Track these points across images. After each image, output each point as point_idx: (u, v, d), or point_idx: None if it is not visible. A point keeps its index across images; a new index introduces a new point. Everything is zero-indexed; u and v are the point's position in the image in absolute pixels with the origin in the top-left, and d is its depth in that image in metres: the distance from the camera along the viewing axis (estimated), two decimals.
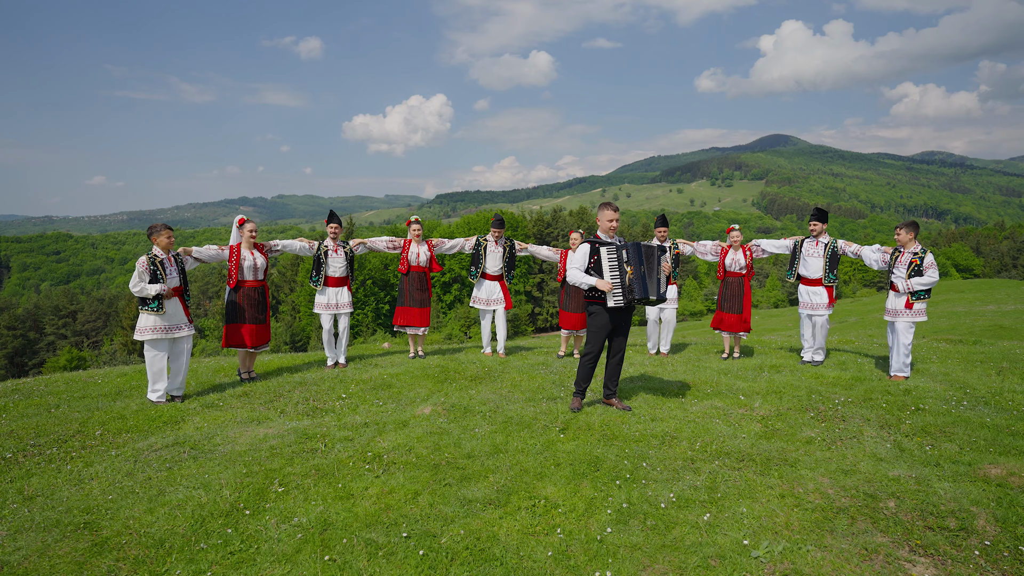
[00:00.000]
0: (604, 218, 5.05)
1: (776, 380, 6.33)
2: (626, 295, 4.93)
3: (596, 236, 5.17)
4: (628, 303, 4.97)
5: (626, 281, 4.93)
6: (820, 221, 7.10)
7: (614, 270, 4.93)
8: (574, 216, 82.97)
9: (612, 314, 5.07)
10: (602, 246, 4.98)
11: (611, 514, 3.28)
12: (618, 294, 4.93)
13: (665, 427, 4.66)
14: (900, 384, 5.98)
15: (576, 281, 4.96)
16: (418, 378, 6.47)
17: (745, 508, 3.32)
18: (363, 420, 4.99)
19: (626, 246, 4.99)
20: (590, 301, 5.08)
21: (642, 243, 5.08)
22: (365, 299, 61.28)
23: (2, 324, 64.10)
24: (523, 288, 65.66)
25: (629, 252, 4.96)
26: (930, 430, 4.61)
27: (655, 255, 5.09)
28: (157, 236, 5.67)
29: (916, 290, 6.21)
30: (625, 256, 4.95)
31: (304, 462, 4.06)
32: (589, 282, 4.91)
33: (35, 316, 68.83)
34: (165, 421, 5.17)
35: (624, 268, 4.94)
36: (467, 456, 4.11)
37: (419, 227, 7.59)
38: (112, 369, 8.01)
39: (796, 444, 4.35)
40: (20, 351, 63.46)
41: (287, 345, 58.82)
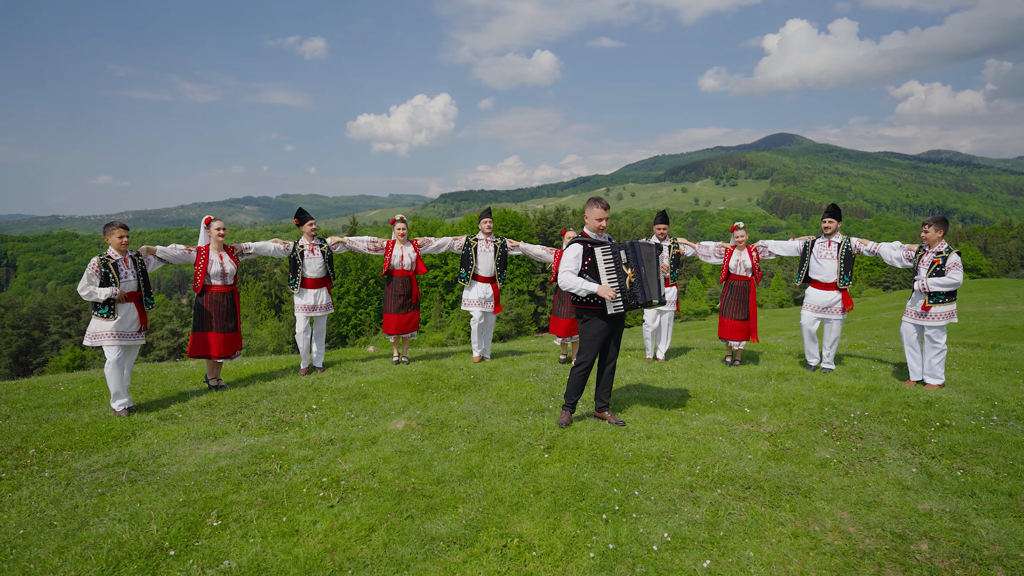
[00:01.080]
0: (592, 216, 4.57)
1: (785, 390, 5.84)
2: (627, 300, 4.45)
3: (584, 235, 4.69)
4: (629, 308, 4.50)
5: (626, 284, 4.45)
6: (836, 219, 6.58)
7: (611, 273, 4.45)
8: (577, 215, 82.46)
9: (609, 321, 4.59)
10: (596, 246, 4.49)
11: (594, 558, 2.80)
12: (618, 300, 4.45)
13: (662, 446, 4.18)
14: (921, 395, 5.47)
15: (572, 287, 4.46)
16: (398, 387, 6.00)
17: (752, 552, 2.83)
18: (329, 436, 4.52)
19: (623, 246, 4.50)
20: (583, 307, 4.60)
21: (639, 242, 4.60)
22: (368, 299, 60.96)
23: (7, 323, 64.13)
24: (526, 288, 65.24)
25: (628, 253, 4.48)
26: (959, 450, 4.12)
27: (654, 255, 4.62)
28: (110, 235, 5.21)
29: (933, 291, 5.70)
30: (624, 257, 4.47)
31: (252, 488, 3.60)
32: (590, 289, 4.42)
33: (40, 315, 68.80)
34: (115, 436, 4.71)
35: (624, 271, 4.45)
36: (436, 481, 3.64)
37: (404, 226, 7.12)
38: (79, 374, 7.58)
39: (809, 468, 3.86)
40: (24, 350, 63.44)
41: (289, 344, 58.58)
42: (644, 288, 4.46)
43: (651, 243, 4.67)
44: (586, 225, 4.65)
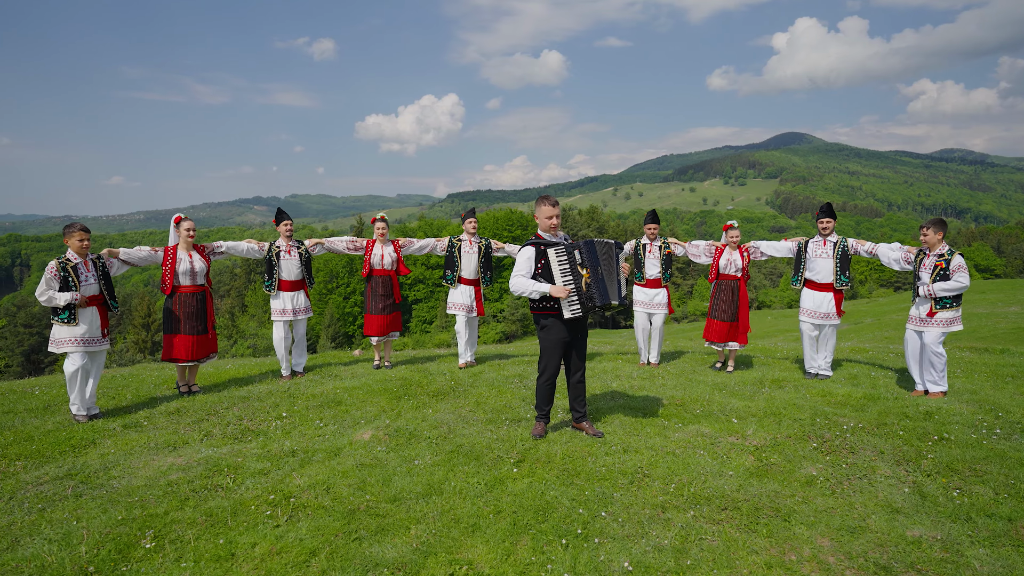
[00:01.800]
0: (542, 215, 4.31)
1: (777, 399, 5.58)
2: (584, 303, 4.20)
3: (538, 236, 4.42)
4: (587, 312, 4.25)
5: (583, 286, 4.20)
6: (832, 218, 6.31)
7: (567, 275, 4.20)
8: (584, 215, 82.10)
9: (568, 326, 4.35)
10: (549, 247, 4.23)
11: None
12: (575, 302, 4.20)
13: (638, 461, 3.94)
14: (921, 406, 5.19)
15: (523, 290, 4.22)
16: (374, 393, 5.80)
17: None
18: (292, 447, 4.32)
19: (578, 245, 4.25)
20: (540, 313, 4.35)
21: (596, 240, 4.33)
22: None
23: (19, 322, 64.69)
24: None
25: (583, 252, 4.23)
26: (957, 467, 3.85)
27: (612, 253, 4.36)
28: (69, 238, 5.03)
29: (940, 296, 5.42)
30: (579, 257, 4.22)
31: (199, 504, 3.40)
32: (541, 290, 4.17)
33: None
34: (73, 445, 4.54)
35: (579, 271, 4.20)
36: (393, 499, 3.43)
37: (384, 226, 6.92)
38: (58, 377, 7.43)
39: (793, 486, 3.61)
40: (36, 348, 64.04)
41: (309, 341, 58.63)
42: (601, 289, 4.20)
43: (609, 241, 4.41)
44: (538, 226, 4.40)
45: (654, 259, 7.13)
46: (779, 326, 52.04)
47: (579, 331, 4.46)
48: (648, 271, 7.15)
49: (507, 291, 70.36)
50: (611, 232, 75.15)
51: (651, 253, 7.14)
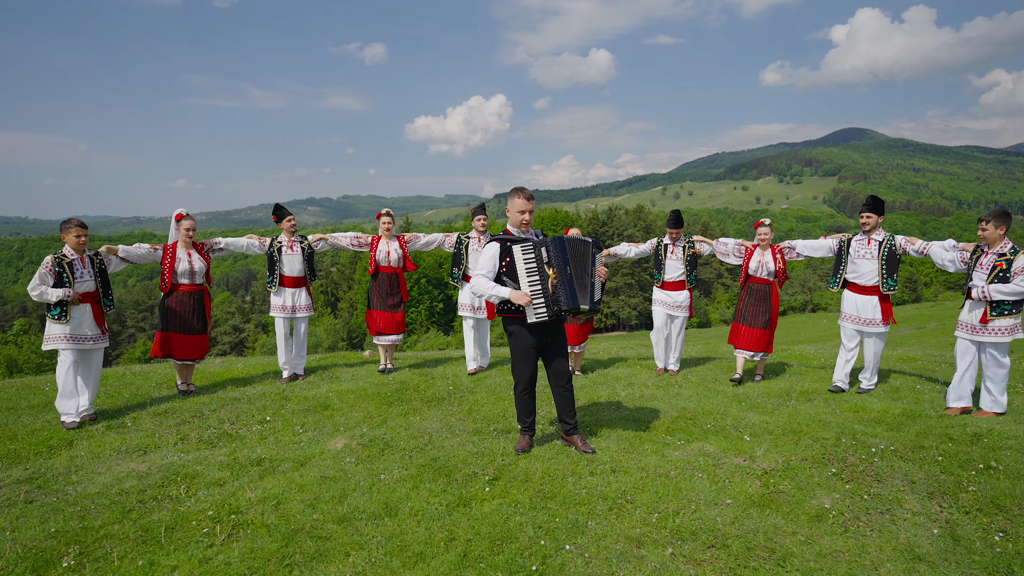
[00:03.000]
0: (514, 208, 3.92)
1: (801, 413, 5.02)
2: (550, 306, 3.79)
3: (506, 232, 4.03)
4: (553, 316, 3.83)
5: (549, 288, 3.80)
6: (875, 213, 5.63)
7: (532, 274, 3.80)
8: (630, 215, 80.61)
9: (535, 332, 3.94)
10: (515, 244, 3.84)
11: None
12: (540, 306, 3.79)
13: (625, 483, 3.52)
14: (969, 426, 4.54)
15: (483, 293, 3.85)
16: (366, 398, 5.55)
17: None
18: (261, 455, 4.10)
19: (546, 242, 3.84)
20: (506, 316, 3.97)
21: (567, 237, 3.90)
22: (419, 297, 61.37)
23: None
24: None
25: (550, 250, 3.82)
26: (1004, 504, 3.26)
27: (587, 253, 3.92)
28: (66, 234, 4.97)
29: (995, 299, 4.74)
30: (546, 256, 3.81)
31: (141, 517, 3.19)
32: (501, 294, 3.79)
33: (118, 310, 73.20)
34: (51, 445, 4.46)
35: (546, 271, 3.81)
36: (342, 519, 3.13)
37: (390, 220, 6.67)
38: None
39: (799, 521, 3.12)
40: None
41: (344, 342, 59.80)
42: (569, 291, 3.78)
43: (584, 239, 3.97)
44: (508, 220, 4.01)
45: (676, 260, 6.61)
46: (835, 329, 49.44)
47: (552, 335, 4.04)
48: (668, 272, 6.64)
49: None
50: (657, 232, 73.51)
51: (673, 254, 6.63)
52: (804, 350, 9.29)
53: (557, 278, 3.78)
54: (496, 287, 3.83)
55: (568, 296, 3.78)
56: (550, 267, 3.78)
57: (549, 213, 73.27)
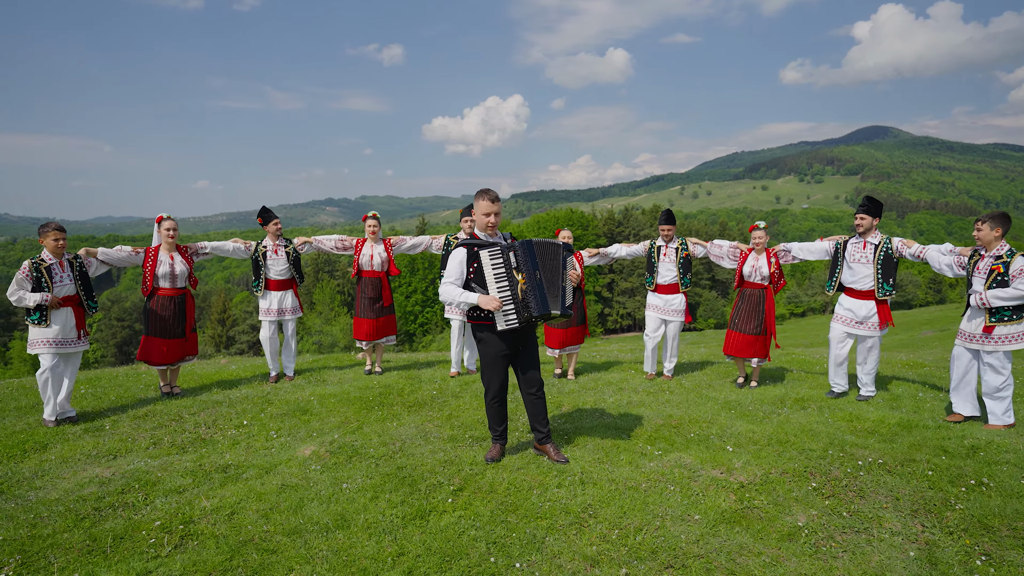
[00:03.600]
0: (479, 211, 3.78)
1: (792, 422, 4.83)
2: (520, 313, 3.67)
3: (474, 235, 3.91)
4: (524, 323, 3.70)
5: (518, 293, 3.67)
6: (869, 214, 5.43)
7: (501, 280, 3.68)
8: (647, 215, 79.91)
9: (506, 339, 3.81)
10: (482, 248, 3.72)
11: None
12: (510, 312, 3.67)
13: (591, 496, 3.38)
14: (967, 438, 4.32)
15: (451, 299, 3.75)
16: (347, 402, 5.47)
17: None
18: (228, 461, 4.04)
19: (513, 246, 3.72)
20: (475, 323, 3.85)
21: (536, 240, 3.76)
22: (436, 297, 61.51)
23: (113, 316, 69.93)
24: (592, 288, 63.91)
25: (519, 254, 3.69)
26: (991, 523, 3.07)
27: (557, 256, 3.78)
28: (44, 238, 4.96)
29: (995, 306, 4.52)
30: (514, 260, 3.69)
31: (93, 525, 3.14)
32: (469, 300, 3.69)
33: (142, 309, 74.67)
34: (26, 448, 4.44)
35: (515, 276, 3.68)
36: (293, 531, 3.04)
37: (375, 224, 6.60)
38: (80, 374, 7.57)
39: (768, 539, 2.96)
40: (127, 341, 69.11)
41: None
42: (539, 297, 3.65)
43: (554, 242, 3.83)
44: (476, 224, 3.89)
45: (669, 263, 6.45)
46: None
47: (522, 342, 3.92)
48: (661, 276, 6.48)
49: None
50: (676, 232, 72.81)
51: (666, 256, 6.47)
52: (808, 354, 9.03)
53: (527, 283, 3.67)
54: (465, 293, 3.73)
55: (539, 301, 3.66)
56: (519, 272, 3.66)
57: (565, 213, 72.91)
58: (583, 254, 6.68)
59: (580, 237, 60.87)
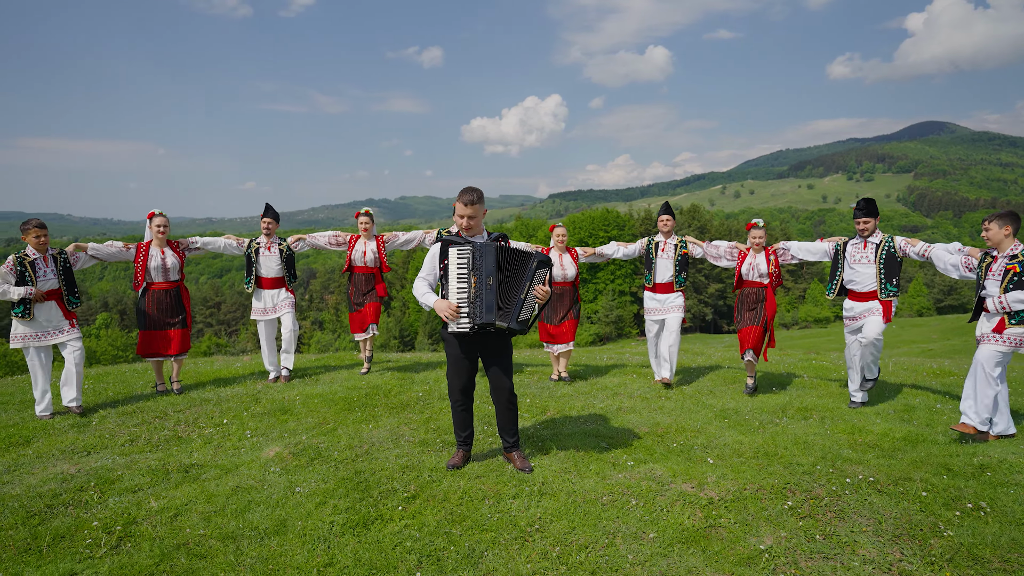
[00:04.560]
0: (456, 213, 3.65)
1: (787, 434, 4.54)
2: (473, 317, 3.51)
3: (458, 233, 3.77)
4: (475, 329, 3.54)
5: (471, 296, 3.52)
6: (870, 216, 5.12)
7: (462, 281, 3.52)
8: (685, 214, 78.33)
9: (464, 343, 3.66)
10: (452, 246, 3.58)
11: None
12: (464, 316, 3.52)
13: (545, 509, 3.21)
14: (976, 456, 3.96)
15: (418, 298, 3.64)
16: (331, 403, 5.42)
17: None
18: (193, 460, 4.02)
19: (476, 247, 3.55)
20: (441, 323, 3.73)
21: (499, 245, 3.57)
22: None
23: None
24: (628, 288, 63.09)
25: (477, 256, 3.52)
26: (982, 554, 2.76)
27: (524, 266, 3.58)
28: (27, 235, 5.06)
29: (1016, 309, 4.13)
30: (472, 262, 3.53)
31: (41, 523, 3.14)
32: (428, 303, 3.58)
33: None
34: (11, 443, 4.53)
35: (471, 278, 3.53)
36: (229, 536, 2.97)
37: (367, 220, 6.55)
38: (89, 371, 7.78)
39: (723, 563, 2.73)
40: None
41: (396, 340, 60.96)
42: (487, 304, 3.47)
43: (526, 253, 3.62)
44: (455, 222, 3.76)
45: (667, 259, 6.18)
46: (902, 337, 46.66)
47: (488, 349, 3.73)
48: (660, 273, 6.22)
49: (601, 292, 68.58)
50: (714, 233, 71.17)
51: (664, 252, 6.20)
52: (831, 360, 8.57)
53: (477, 287, 3.51)
54: (427, 294, 3.63)
55: (482, 309, 3.49)
56: (474, 274, 3.51)
57: (600, 213, 72.03)
58: (578, 251, 6.49)
59: (617, 237, 59.98)
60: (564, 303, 6.40)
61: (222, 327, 75.96)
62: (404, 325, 63.19)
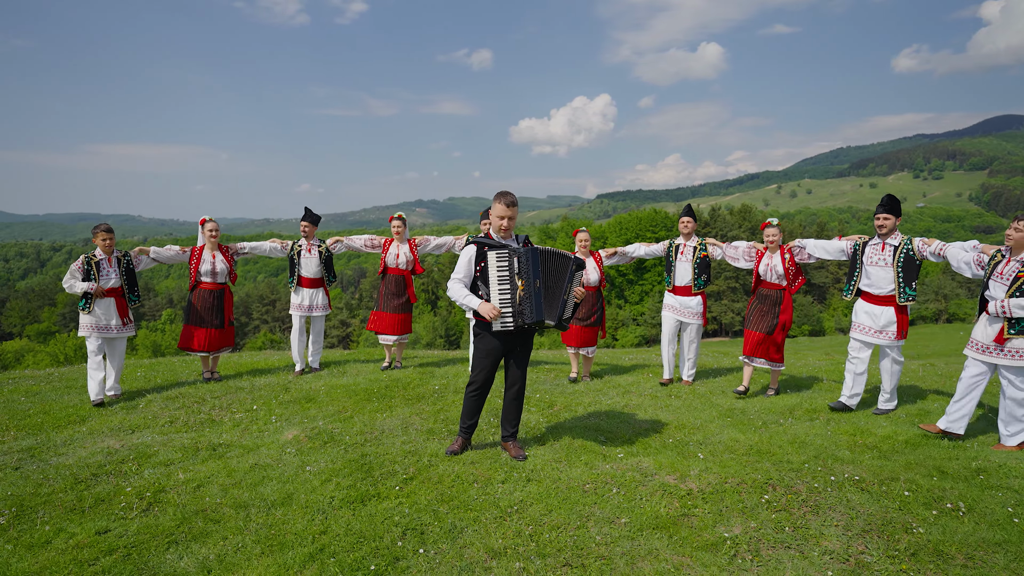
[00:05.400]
0: (494, 213, 3.90)
1: (787, 433, 4.60)
2: (516, 317, 3.79)
3: (488, 235, 4.05)
4: (519, 328, 3.83)
5: (516, 298, 3.78)
6: (892, 214, 5.07)
7: (504, 283, 3.81)
8: (735, 215, 76.35)
9: (501, 339, 3.94)
10: (491, 249, 3.85)
11: None
12: (507, 315, 3.80)
13: (528, 493, 3.43)
14: (975, 461, 3.93)
15: (456, 298, 3.91)
16: (353, 393, 5.79)
17: None
18: (221, 440, 4.43)
19: (519, 252, 3.82)
20: (478, 319, 4.00)
21: (542, 249, 3.87)
22: None
23: None
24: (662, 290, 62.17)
25: (522, 261, 3.79)
26: (948, 551, 2.81)
27: (564, 269, 3.88)
28: (95, 238, 5.66)
29: (1016, 315, 4.07)
30: (517, 265, 3.79)
31: (85, 488, 3.58)
32: (471, 305, 3.86)
33: (246, 304, 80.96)
34: (68, 421, 5.09)
35: (515, 281, 3.79)
36: (240, 505, 3.32)
37: (400, 224, 6.91)
38: (128, 360, 8.48)
39: (685, 548, 2.88)
40: None
41: (442, 339, 62.06)
42: (536, 304, 3.77)
43: (565, 255, 3.92)
44: (491, 225, 4.02)
45: (686, 262, 6.27)
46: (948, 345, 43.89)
47: (516, 343, 4.03)
48: (680, 276, 6.31)
49: (648, 294, 67.70)
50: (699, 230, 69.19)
51: (683, 255, 6.30)
52: None
53: (525, 290, 3.79)
54: (469, 296, 3.89)
55: (533, 309, 3.78)
56: (520, 277, 3.78)
57: (647, 214, 71.03)
58: (601, 254, 6.64)
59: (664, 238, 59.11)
60: (588, 306, 6.56)
61: (276, 324, 79.07)
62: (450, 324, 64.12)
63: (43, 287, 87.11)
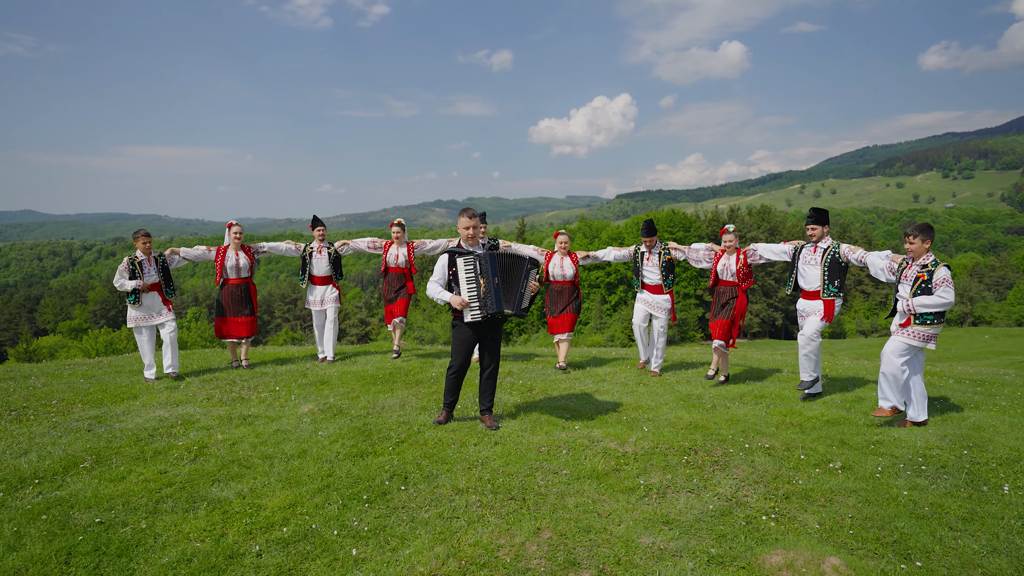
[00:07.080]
0: (460, 226, 4.88)
1: (729, 414, 5.37)
2: (482, 309, 4.70)
3: (459, 245, 4.95)
4: (485, 317, 4.72)
5: (480, 294, 4.69)
6: (819, 224, 5.85)
7: (471, 282, 4.73)
8: (754, 216, 76.24)
9: (474, 328, 4.81)
10: (459, 256, 4.75)
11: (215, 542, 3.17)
12: (475, 308, 4.72)
13: (493, 453, 4.27)
14: (877, 435, 4.68)
15: (434, 296, 4.81)
16: (360, 378, 6.69)
17: None
18: (248, 412, 5.35)
19: (480, 257, 4.71)
20: (454, 314, 4.87)
21: (498, 253, 4.80)
22: None
23: None
24: (693, 291, 62.34)
25: (483, 263, 4.70)
26: (813, 495, 3.58)
27: (518, 268, 4.78)
28: (136, 241, 6.65)
29: (919, 312, 4.82)
30: (479, 267, 4.68)
31: (145, 444, 4.51)
32: (444, 299, 4.77)
33: (268, 302, 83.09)
34: (124, 396, 6.07)
35: (479, 280, 4.69)
36: (267, 456, 4.22)
37: (399, 230, 7.81)
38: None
39: (608, 490, 3.68)
40: None
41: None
42: (496, 298, 4.66)
43: (520, 256, 4.81)
44: (460, 236, 4.94)
45: (652, 266, 7.12)
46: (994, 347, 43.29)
47: (487, 332, 4.90)
48: (647, 277, 7.15)
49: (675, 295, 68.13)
50: (786, 233, 69.04)
51: (649, 261, 7.13)
52: (854, 363, 9.07)
53: (486, 287, 4.65)
54: (442, 292, 4.81)
55: (494, 301, 4.67)
56: (482, 277, 4.67)
57: (666, 215, 71.23)
58: (577, 255, 7.46)
59: (682, 239, 59.44)
60: (564, 298, 7.40)
61: (298, 322, 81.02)
62: None
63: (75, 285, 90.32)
